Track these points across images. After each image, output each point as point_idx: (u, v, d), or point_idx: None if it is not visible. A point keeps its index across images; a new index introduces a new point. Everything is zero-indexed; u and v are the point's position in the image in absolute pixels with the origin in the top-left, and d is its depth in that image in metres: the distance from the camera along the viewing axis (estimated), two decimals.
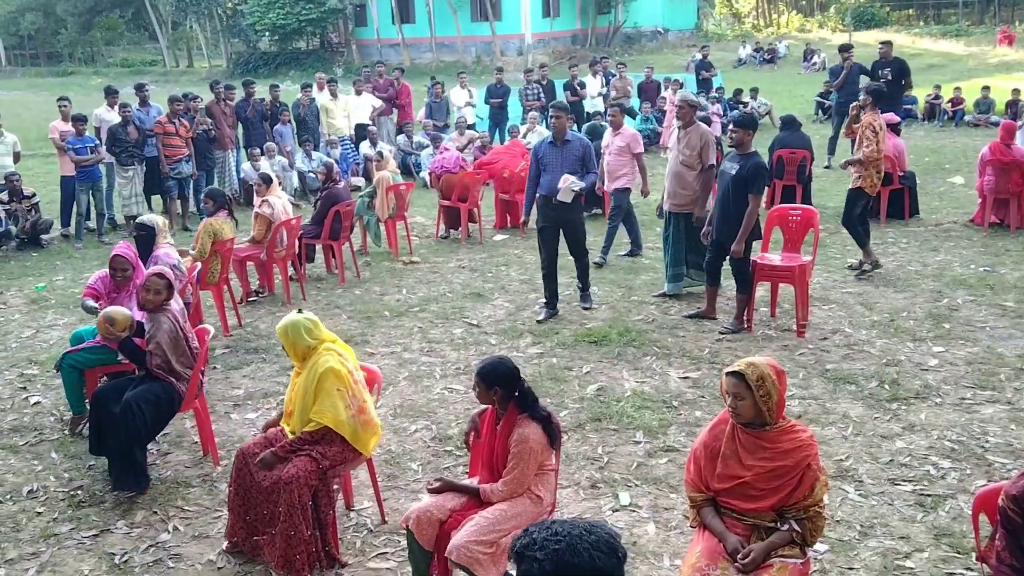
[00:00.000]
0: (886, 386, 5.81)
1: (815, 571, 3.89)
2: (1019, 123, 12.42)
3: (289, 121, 14.23)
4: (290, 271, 8.57)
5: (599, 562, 1.74)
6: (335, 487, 4.22)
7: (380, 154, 10.74)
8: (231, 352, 7.02)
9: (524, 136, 12.97)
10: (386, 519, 4.49)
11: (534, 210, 7.52)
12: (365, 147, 14.12)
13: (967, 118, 18.93)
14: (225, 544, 4.27)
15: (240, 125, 13.30)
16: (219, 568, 4.15)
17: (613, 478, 4.82)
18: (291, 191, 13.03)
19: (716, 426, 3.40)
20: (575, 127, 16.18)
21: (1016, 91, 18.42)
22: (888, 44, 13.85)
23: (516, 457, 3.64)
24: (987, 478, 4.57)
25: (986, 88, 19.24)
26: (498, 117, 16.62)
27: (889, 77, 13.25)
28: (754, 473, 3.23)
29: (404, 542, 4.16)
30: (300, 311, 4.24)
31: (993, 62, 28.76)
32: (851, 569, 3.93)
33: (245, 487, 4.14)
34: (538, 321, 7.32)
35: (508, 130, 14.49)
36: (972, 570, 3.82)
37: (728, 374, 3.24)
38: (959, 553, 3.99)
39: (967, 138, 16.77)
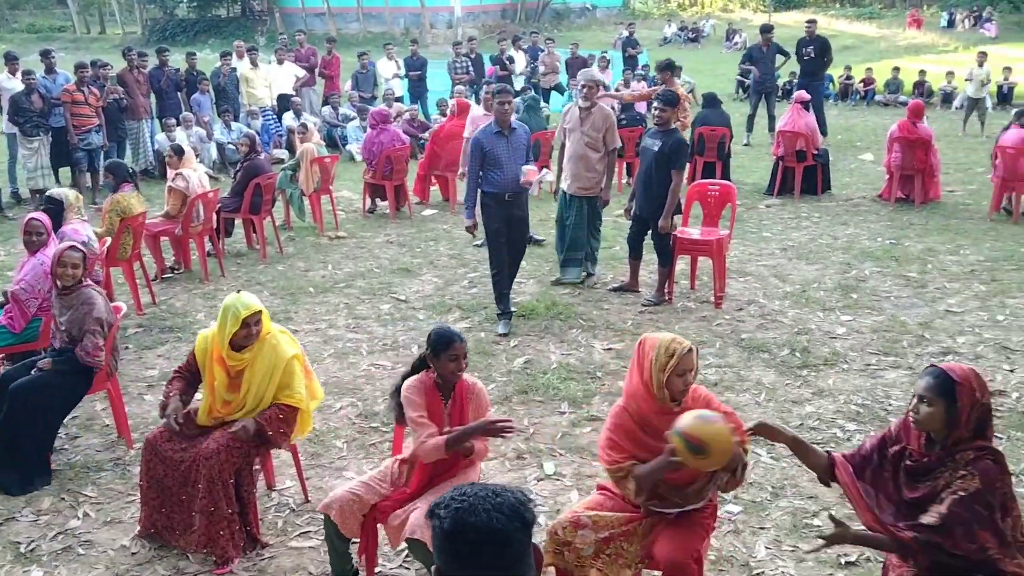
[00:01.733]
0: (797, 354, 6.07)
1: (728, 531, 4.09)
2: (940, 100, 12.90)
3: (207, 91, 13.87)
4: (208, 246, 8.41)
5: (496, 523, 1.75)
6: (256, 467, 4.19)
7: (304, 126, 10.60)
8: (144, 331, 6.86)
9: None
10: (309, 498, 4.47)
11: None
12: (288, 118, 13.90)
13: (878, 98, 19.63)
14: (138, 528, 4.16)
15: (154, 95, 12.92)
16: (133, 553, 4.06)
17: (538, 448, 4.93)
18: (209, 163, 12.73)
19: (620, 417, 3.37)
20: None
21: (923, 72, 19.20)
22: (813, 23, 14.31)
23: (485, 409, 3.72)
24: None
25: (896, 69, 19.96)
26: (417, 90, 16.54)
27: (812, 55, 13.67)
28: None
29: None
30: (239, 292, 4.08)
31: (903, 44, 29.79)
32: (763, 528, 4.13)
33: (158, 477, 4.02)
34: (502, 334, 6.56)
35: (437, 103, 14.44)
36: None
37: (688, 352, 3.17)
38: None
39: (877, 117, 17.39)
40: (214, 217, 8.39)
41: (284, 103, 14.47)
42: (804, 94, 11.05)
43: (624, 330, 6.63)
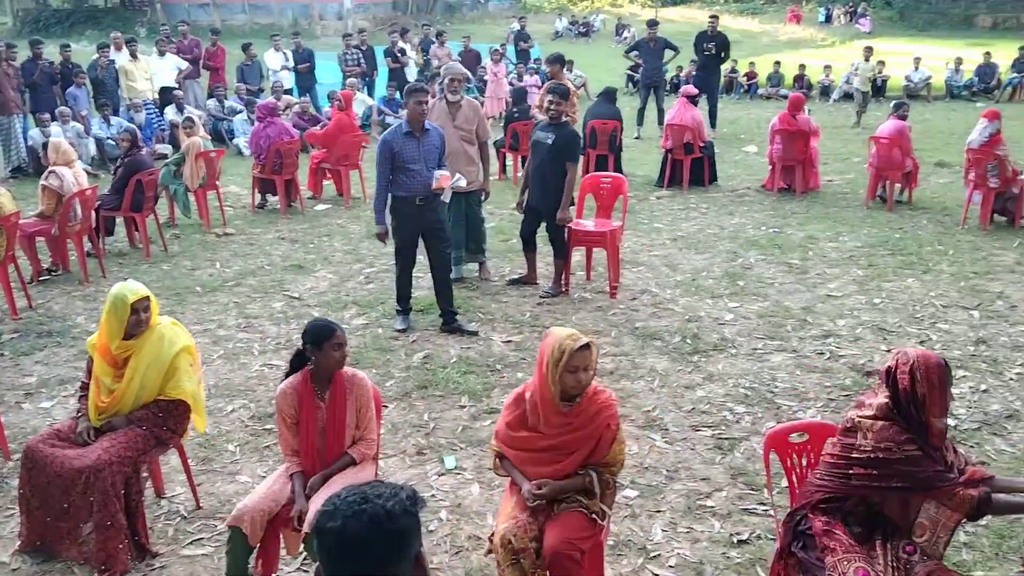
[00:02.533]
0: (688, 340, 6.24)
1: (626, 516, 4.17)
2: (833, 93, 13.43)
3: (84, 84, 13.24)
4: (87, 246, 8.02)
5: (350, 530, 1.72)
6: (144, 474, 4.05)
7: (189, 120, 10.23)
8: (21, 337, 6.50)
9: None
10: (201, 504, 4.34)
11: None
12: (171, 112, 13.40)
13: (760, 91, 20.35)
14: (19, 543, 3.95)
15: (27, 88, 12.24)
16: (14, 570, 3.86)
17: (439, 443, 4.91)
18: (88, 159, 12.17)
19: (519, 396, 3.43)
20: (398, 95, 16.11)
21: (802, 66, 20.00)
22: (716, 19, 14.75)
23: (366, 406, 3.69)
24: (776, 419, 5.02)
25: (777, 63, 20.74)
26: (306, 82, 16.23)
27: (713, 51, 14.05)
28: (556, 442, 3.32)
29: (220, 526, 4.10)
30: (125, 280, 3.99)
31: (783, 39, 30.99)
32: (658, 511, 4.22)
33: (40, 485, 3.83)
34: (400, 330, 6.48)
35: (328, 96, 14.20)
36: (764, 504, 4.20)
37: (580, 348, 3.19)
38: (753, 490, 4.37)
39: (760, 110, 18.02)
40: (93, 216, 8.00)
41: (167, 96, 13.96)
42: (692, 88, 11.33)
43: (523, 322, 6.66)
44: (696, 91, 11.33)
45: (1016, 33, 30.66)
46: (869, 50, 17.06)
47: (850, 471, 3.04)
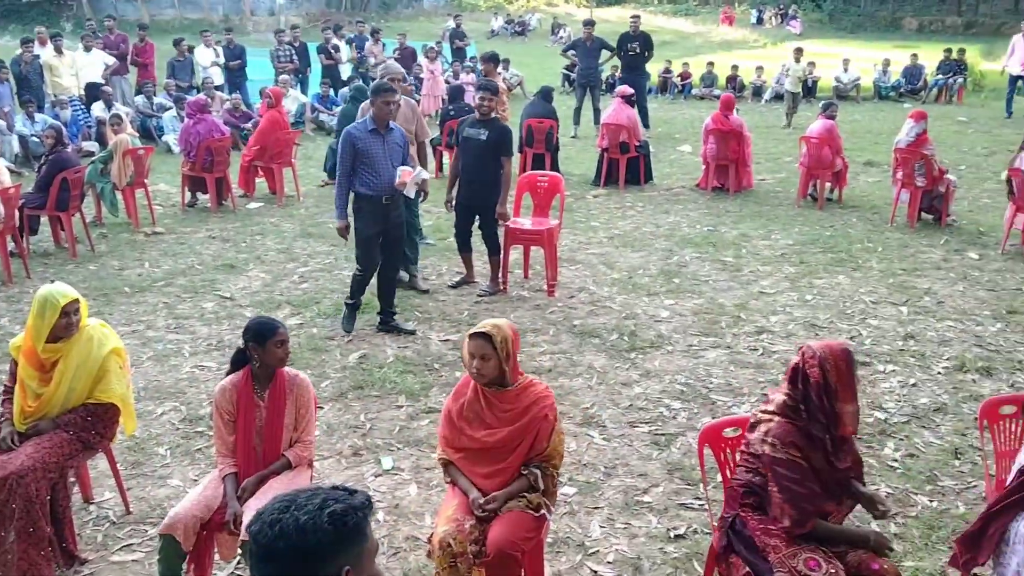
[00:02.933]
0: (625, 338, 6.28)
1: (564, 513, 4.17)
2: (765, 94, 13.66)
3: (7, 80, 12.76)
4: (10, 246, 7.72)
5: (262, 539, 1.69)
6: (71, 479, 3.93)
7: (117, 116, 9.93)
8: None
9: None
10: (131, 509, 4.22)
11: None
12: (98, 109, 13.00)
13: (694, 91, 20.63)
14: None
15: None
16: None
17: (376, 444, 4.85)
18: (11, 157, 11.75)
19: (459, 391, 3.49)
20: (332, 92, 15.94)
21: (735, 67, 20.34)
22: (637, 18, 14.84)
23: (306, 407, 3.66)
24: (711, 415, 5.08)
25: (710, 64, 21.06)
26: (236, 79, 15.93)
27: (637, 50, 14.16)
28: (497, 439, 3.35)
29: (151, 531, 4.00)
30: (52, 282, 3.87)
31: (716, 40, 31.52)
32: (596, 508, 4.24)
33: None
34: (347, 331, 6.37)
35: (260, 92, 13.93)
36: (700, 499, 4.24)
37: (473, 336, 3.33)
38: (689, 485, 4.42)
39: (694, 110, 18.27)
40: (16, 215, 7.71)
41: (93, 92, 13.54)
42: (627, 88, 11.42)
43: (460, 320, 6.63)
44: (632, 91, 11.43)
45: (941, 36, 31.72)
46: (799, 51, 17.43)
47: (755, 466, 3.12)
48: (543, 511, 3.36)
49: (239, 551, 3.50)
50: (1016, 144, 8.23)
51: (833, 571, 2.87)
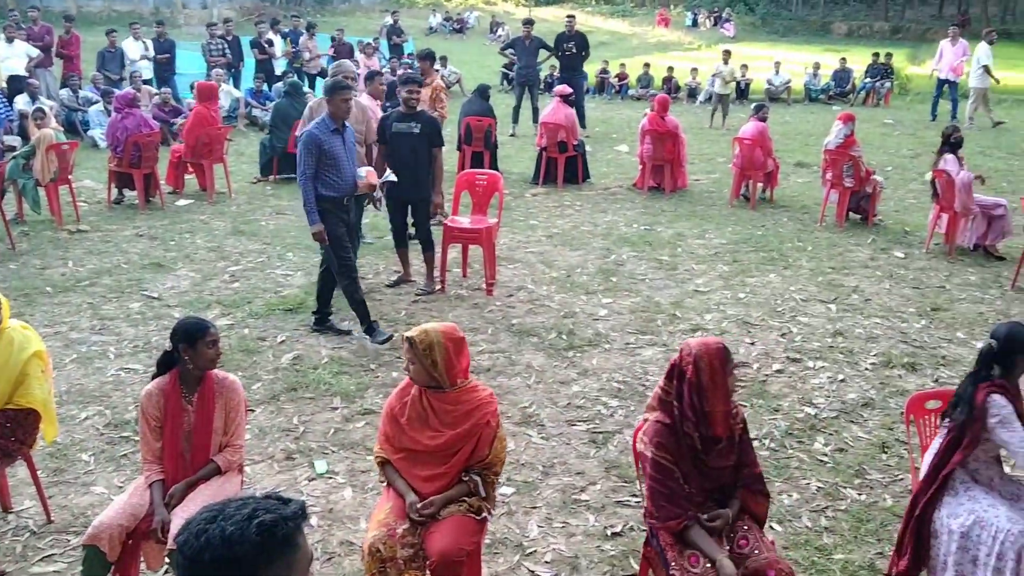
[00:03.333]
0: (563, 336, 6.29)
1: (502, 513, 4.14)
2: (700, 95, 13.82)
3: None
4: None
5: (188, 552, 1.66)
6: None
7: (40, 110, 9.57)
8: None
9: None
10: (52, 519, 4.05)
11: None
12: (21, 102, 12.51)
13: (631, 92, 20.83)
14: None
15: None
16: None
17: (309, 447, 4.76)
18: None
19: (404, 389, 3.45)
20: (266, 87, 15.64)
21: (671, 68, 20.61)
22: (572, 18, 14.88)
23: (235, 410, 3.56)
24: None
25: (646, 65, 21.29)
26: (165, 73, 15.54)
27: (573, 50, 14.21)
28: (439, 442, 3.31)
29: (74, 541, 3.86)
30: None
31: (653, 41, 31.90)
32: (534, 508, 4.22)
33: None
34: (383, 341, 6.05)
35: (191, 87, 13.60)
36: (636, 496, 4.26)
37: (404, 339, 3.33)
38: (626, 482, 4.43)
39: (631, 110, 18.44)
40: None
41: (16, 85, 13.04)
42: (565, 88, 11.46)
43: (397, 320, 6.55)
44: (570, 90, 11.47)
45: (869, 40, 32.66)
46: (727, 54, 17.70)
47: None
48: (484, 514, 3.33)
49: (166, 560, 3.40)
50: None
51: (710, 567, 2.91)
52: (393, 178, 6.37)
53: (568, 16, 15.16)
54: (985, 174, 8.98)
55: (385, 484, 3.45)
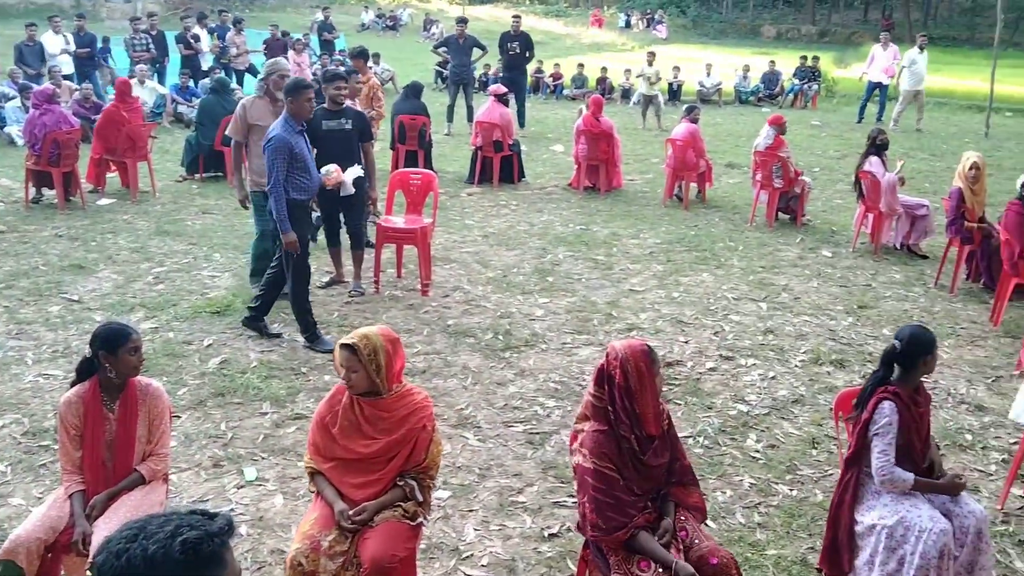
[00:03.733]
0: (500, 337, 6.25)
1: (438, 517, 4.08)
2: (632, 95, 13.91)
3: None
4: None
5: (109, 571, 1.59)
6: None
7: None
8: None
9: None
10: None
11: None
12: None
13: (566, 92, 20.92)
14: None
15: None
16: None
17: (238, 454, 4.62)
18: None
19: (333, 397, 3.36)
20: (192, 83, 15.25)
21: (604, 69, 20.76)
22: (518, 18, 14.89)
23: (160, 418, 3.44)
24: None
25: (580, 65, 21.40)
26: (86, 68, 15.05)
27: (518, 50, 14.19)
28: (373, 450, 3.24)
29: None
30: None
31: (587, 42, 32.11)
32: (471, 511, 4.17)
33: None
34: (328, 350, 5.78)
35: (112, 82, 13.20)
36: (573, 497, 4.23)
37: (342, 347, 3.21)
38: (562, 483, 4.41)
39: (566, 110, 18.50)
40: None
41: None
42: (500, 87, 11.43)
43: (330, 322, 6.43)
44: (505, 89, 11.45)
45: (797, 43, 33.43)
46: (652, 55, 17.81)
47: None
48: (420, 520, 3.26)
49: (88, 574, 3.25)
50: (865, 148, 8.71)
51: (661, 571, 2.90)
52: (361, 173, 6.30)
53: (514, 16, 15.19)
54: (908, 175, 9.24)
55: (315, 493, 3.35)
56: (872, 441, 3.38)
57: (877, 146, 8.51)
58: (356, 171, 6.41)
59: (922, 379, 3.55)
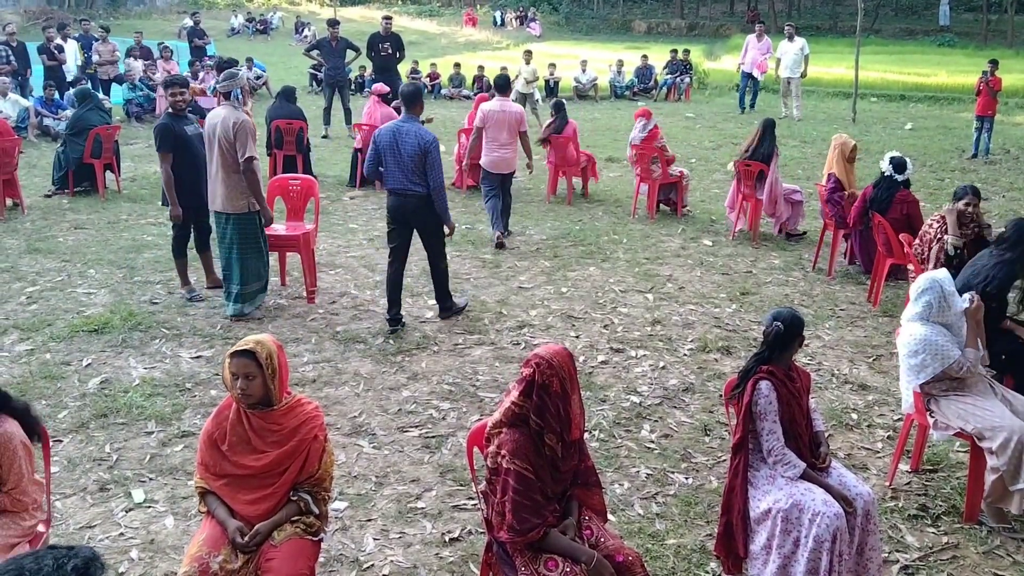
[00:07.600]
0: (391, 341, 6.20)
1: (336, 529, 4.02)
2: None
3: None
4: None
5: None
6: None
7: None
8: None
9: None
10: None
11: None
12: None
13: (444, 92, 20.88)
14: None
15: None
16: None
17: (125, 476, 4.43)
18: None
19: (220, 413, 3.25)
20: (57, 95, 14.49)
21: (481, 67, 20.82)
22: (389, 19, 14.69)
23: (11, 459, 3.09)
24: (480, 412, 5.12)
25: (457, 65, 21.41)
26: None
27: (389, 51, 14.05)
28: (264, 463, 3.16)
29: None
30: None
31: (462, 41, 32.16)
32: (369, 520, 4.12)
33: None
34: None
35: None
36: (473, 499, 4.24)
37: (235, 354, 3.11)
38: (461, 486, 4.41)
39: (445, 110, 18.49)
40: None
41: None
42: (382, 87, 11.31)
43: (213, 335, 6.23)
44: (388, 89, 11.34)
45: (668, 37, 34.41)
46: (528, 54, 18.03)
47: (493, 478, 3.12)
48: (321, 534, 3.21)
49: None
50: (739, 137, 9.03)
51: (568, 570, 2.93)
52: None
53: (385, 17, 14.97)
54: (781, 163, 9.63)
55: (206, 513, 3.24)
56: (758, 424, 3.51)
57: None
58: None
59: (794, 359, 3.72)
